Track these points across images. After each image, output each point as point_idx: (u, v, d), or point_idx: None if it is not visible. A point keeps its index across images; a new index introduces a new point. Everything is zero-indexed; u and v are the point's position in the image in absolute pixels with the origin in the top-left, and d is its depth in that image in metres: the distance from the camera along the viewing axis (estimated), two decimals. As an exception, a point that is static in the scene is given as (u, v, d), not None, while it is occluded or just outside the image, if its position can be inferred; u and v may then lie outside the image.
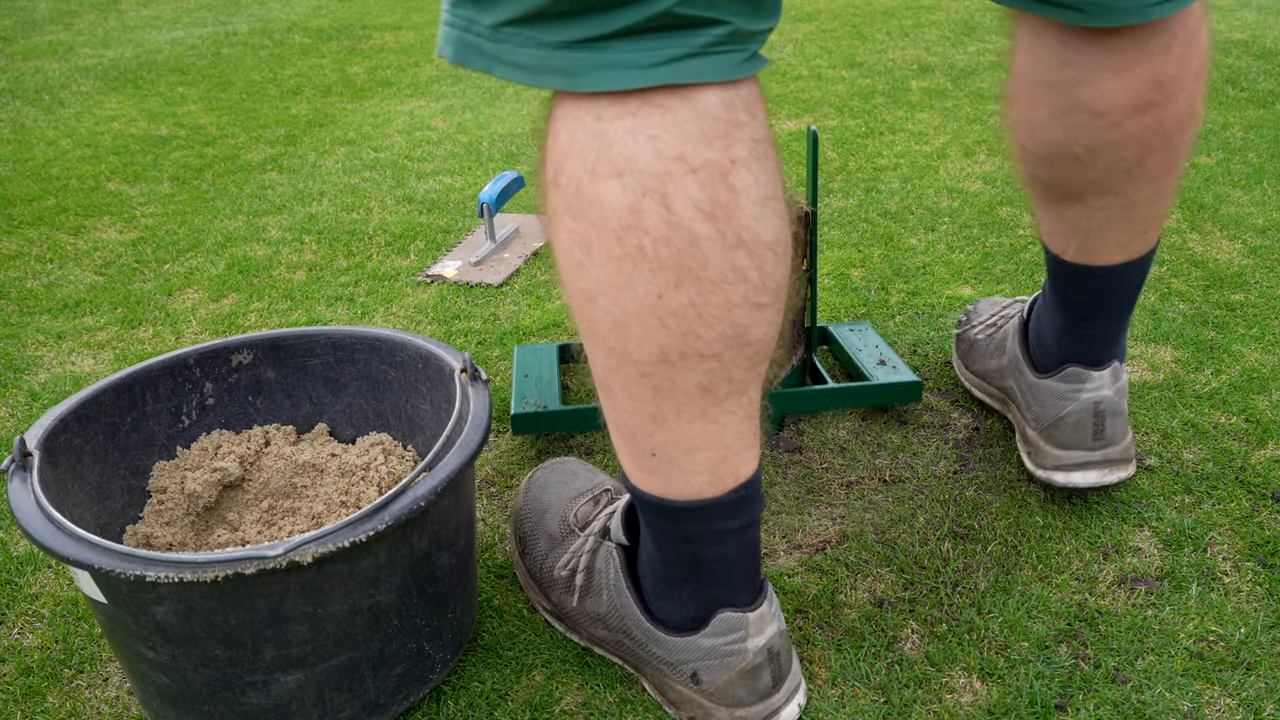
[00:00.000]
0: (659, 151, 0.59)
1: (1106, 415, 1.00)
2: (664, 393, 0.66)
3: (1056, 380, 1.01)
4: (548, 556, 0.89)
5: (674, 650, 0.78)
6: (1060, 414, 1.01)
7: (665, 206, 0.60)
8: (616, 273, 0.62)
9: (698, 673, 0.78)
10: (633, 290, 0.62)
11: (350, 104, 2.65)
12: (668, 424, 0.68)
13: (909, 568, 0.97)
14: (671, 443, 0.69)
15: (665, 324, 0.63)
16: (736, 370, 0.66)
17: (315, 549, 0.68)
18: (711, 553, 0.74)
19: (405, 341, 0.95)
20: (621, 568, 0.81)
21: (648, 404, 0.67)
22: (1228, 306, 1.42)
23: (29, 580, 0.99)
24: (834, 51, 3.05)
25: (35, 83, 2.95)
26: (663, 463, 0.70)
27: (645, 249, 0.61)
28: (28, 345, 1.43)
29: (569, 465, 0.98)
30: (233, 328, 1.45)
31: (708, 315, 0.63)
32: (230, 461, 0.94)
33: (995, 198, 1.85)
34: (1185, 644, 0.87)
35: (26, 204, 1.98)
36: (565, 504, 0.92)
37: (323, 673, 0.75)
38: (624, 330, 0.64)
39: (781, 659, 0.79)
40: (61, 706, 0.85)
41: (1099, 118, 0.83)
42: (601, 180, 0.60)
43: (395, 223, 1.82)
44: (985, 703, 0.82)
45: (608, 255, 0.62)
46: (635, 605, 0.80)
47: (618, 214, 0.60)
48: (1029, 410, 1.05)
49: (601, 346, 0.67)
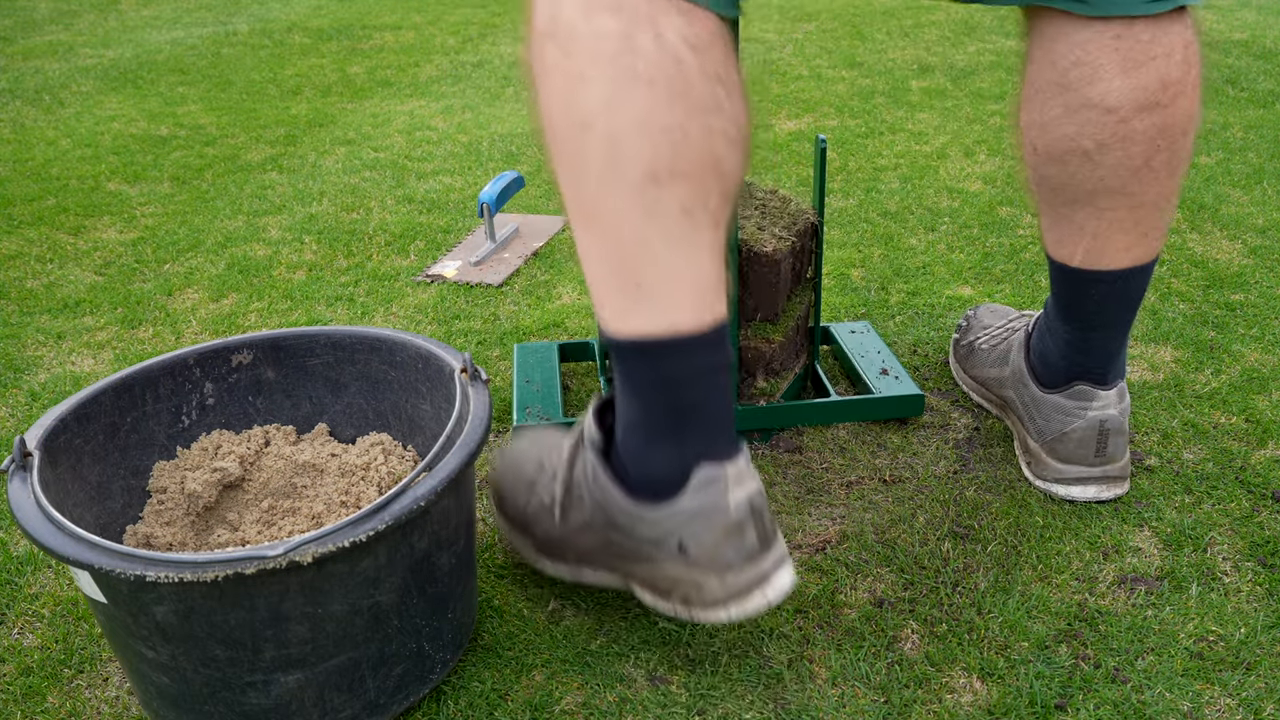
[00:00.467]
0: None
1: (1110, 434, 1.02)
2: (651, 212, 0.72)
3: (1064, 397, 1.03)
4: (529, 499, 0.91)
5: (658, 522, 0.79)
6: (1065, 430, 1.03)
7: (656, 34, 0.69)
8: (612, 92, 0.69)
9: (684, 541, 0.78)
10: (626, 108, 0.69)
11: (350, 104, 2.65)
12: (653, 248, 0.73)
13: (909, 568, 0.97)
14: (657, 271, 0.74)
15: (656, 141, 0.70)
16: (712, 198, 0.73)
17: (315, 549, 0.68)
18: (691, 395, 0.77)
19: (405, 341, 0.95)
20: (599, 464, 0.83)
21: (635, 226, 0.73)
22: (1228, 306, 1.42)
23: (29, 580, 0.99)
24: (834, 51, 3.05)
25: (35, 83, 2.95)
26: (648, 294, 0.75)
27: (638, 70, 0.69)
28: (28, 345, 1.43)
29: (540, 430, 1.00)
30: (233, 328, 1.45)
31: (693, 136, 0.71)
32: (230, 461, 0.94)
33: (995, 198, 1.85)
34: (1185, 644, 0.87)
35: (26, 204, 1.98)
36: (540, 451, 0.93)
37: (323, 673, 0.75)
38: (617, 149, 0.71)
39: (765, 519, 0.80)
40: (61, 706, 0.85)
41: (1109, 114, 0.87)
42: (597, 15, 0.68)
43: (395, 223, 1.82)
44: (985, 703, 0.82)
45: (602, 78, 0.69)
46: (616, 490, 0.81)
47: (612, 41, 0.68)
48: (1032, 423, 1.07)
49: (593, 173, 0.72)
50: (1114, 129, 0.88)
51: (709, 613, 0.80)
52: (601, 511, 0.83)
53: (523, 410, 1.17)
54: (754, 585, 0.79)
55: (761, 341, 1.12)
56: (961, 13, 3.53)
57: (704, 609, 0.80)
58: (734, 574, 0.79)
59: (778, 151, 2.15)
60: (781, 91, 2.63)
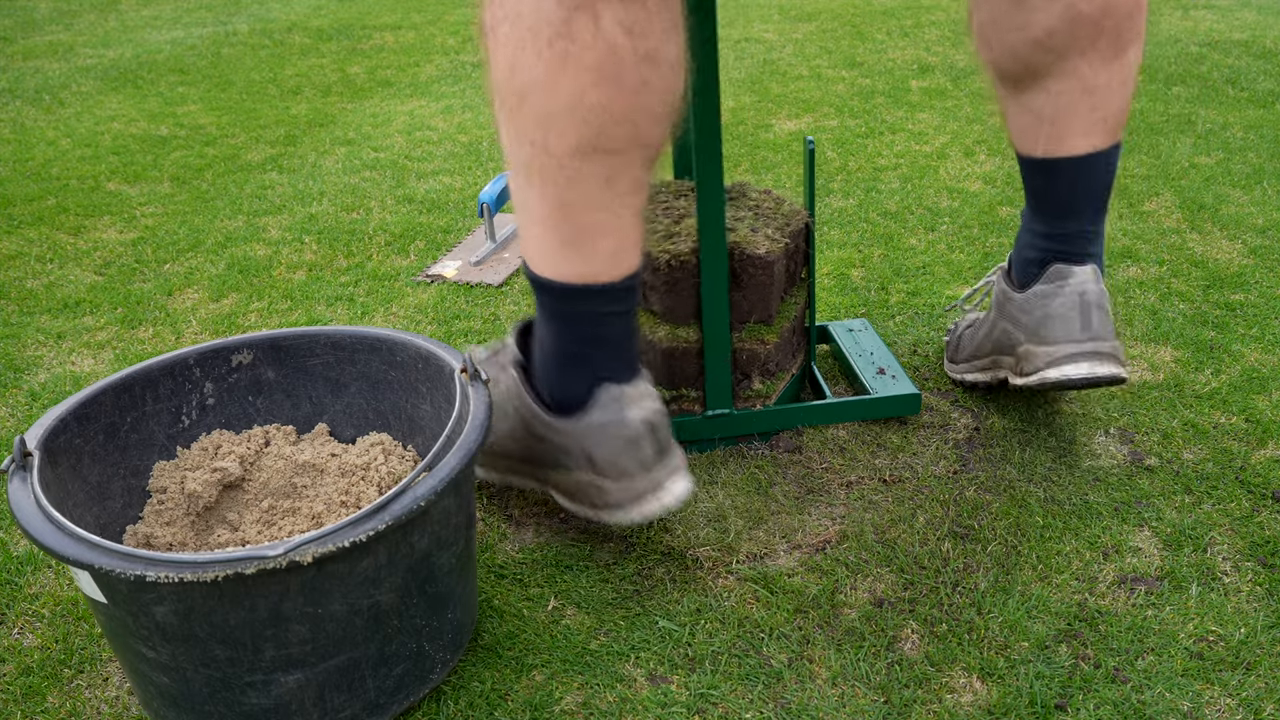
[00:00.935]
0: None
1: (1092, 307, 1.03)
2: (575, 182, 0.80)
3: (1042, 283, 1.06)
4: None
5: (569, 433, 0.91)
6: (1048, 310, 1.05)
7: (594, 20, 0.73)
8: (546, 72, 0.75)
9: (590, 452, 0.90)
10: (558, 89, 0.75)
11: (350, 104, 2.65)
12: (575, 211, 0.82)
13: (909, 568, 0.97)
14: (578, 231, 0.83)
15: (586, 120, 0.77)
16: (635, 168, 0.81)
17: (315, 549, 0.68)
18: (599, 330, 0.89)
19: (405, 341, 0.95)
20: (521, 381, 0.94)
21: (561, 191, 0.81)
22: (1228, 306, 1.42)
23: (29, 580, 0.99)
24: (834, 51, 3.05)
25: (35, 83, 2.95)
26: (570, 249, 0.84)
27: (572, 54, 0.74)
28: (28, 345, 1.43)
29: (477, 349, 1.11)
30: (233, 328, 1.45)
31: (618, 116, 0.77)
32: (230, 461, 0.94)
33: (995, 198, 1.85)
34: (1185, 644, 0.87)
35: (26, 204, 1.98)
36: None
37: (323, 673, 0.75)
38: (547, 125, 0.77)
39: (661, 434, 0.91)
40: (61, 706, 0.85)
41: (1054, 1, 0.94)
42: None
43: (395, 223, 1.82)
44: (985, 703, 0.82)
45: (539, 57, 0.75)
46: (535, 404, 0.93)
47: (551, 23, 0.73)
48: (1021, 328, 1.09)
49: (525, 140, 0.80)
50: (1060, 12, 0.94)
51: (611, 514, 0.91)
52: (523, 423, 0.95)
53: None
54: (649, 491, 0.90)
55: (756, 343, 1.12)
56: (961, 13, 3.53)
57: (608, 511, 0.91)
58: (631, 480, 0.90)
59: (777, 151, 2.15)
60: (781, 91, 2.63)
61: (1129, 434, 1.15)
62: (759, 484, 1.09)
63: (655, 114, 0.79)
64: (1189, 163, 1.99)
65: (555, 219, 0.83)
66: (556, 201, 0.82)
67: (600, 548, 1.01)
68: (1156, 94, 2.48)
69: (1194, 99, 2.43)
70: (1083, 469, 1.10)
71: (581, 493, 0.93)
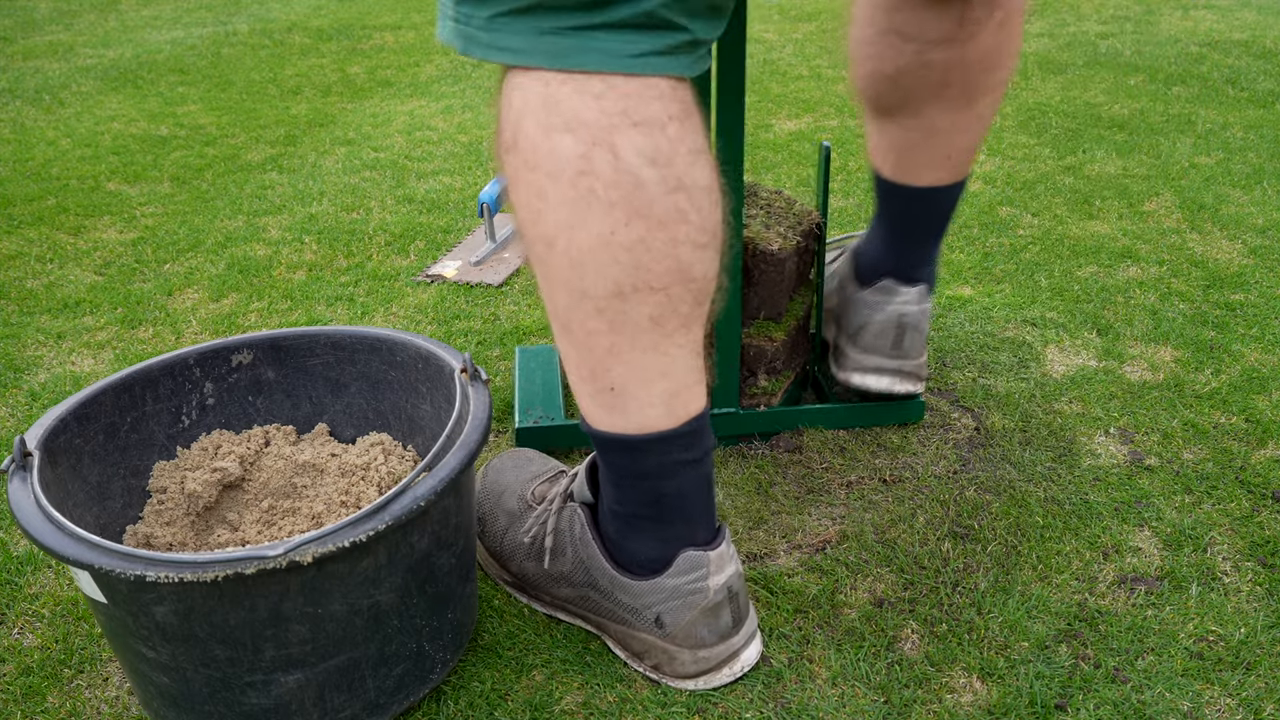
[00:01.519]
0: (604, 109, 0.67)
1: (907, 329, 1.09)
2: (618, 326, 0.73)
3: (870, 292, 1.11)
4: (507, 530, 0.93)
5: (639, 595, 0.83)
6: (867, 321, 1.11)
7: (613, 154, 0.68)
8: (572, 214, 0.69)
9: (661, 616, 0.82)
10: (587, 229, 0.69)
11: (350, 104, 2.65)
12: (623, 357, 0.75)
13: (909, 568, 0.97)
14: (628, 376, 0.76)
15: (618, 259, 0.70)
16: (683, 305, 0.74)
17: (315, 549, 0.68)
18: (669, 487, 0.80)
19: (405, 341, 0.95)
20: (587, 524, 0.86)
21: (604, 337, 0.74)
22: (1228, 306, 1.42)
23: (29, 580, 0.99)
24: (834, 51, 3.05)
25: (35, 83, 2.95)
26: (621, 397, 0.77)
27: (596, 191, 0.68)
28: (28, 345, 1.43)
29: (525, 453, 1.02)
30: (233, 328, 1.45)
31: (656, 251, 0.70)
32: (230, 461, 0.94)
33: (995, 198, 1.85)
34: (1185, 644, 0.87)
35: (26, 204, 1.98)
36: (523, 484, 0.95)
37: (323, 673, 0.75)
38: (581, 268, 0.71)
39: (740, 600, 0.84)
40: (61, 706, 0.85)
41: (908, 42, 0.95)
42: (555, 134, 0.68)
43: (395, 223, 1.82)
44: (985, 703, 0.82)
45: (562, 199, 0.69)
46: (601, 556, 0.85)
47: (570, 162, 0.68)
48: (845, 320, 1.14)
49: (561, 287, 0.73)
50: (911, 58, 0.95)
51: (678, 682, 0.84)
52: (584, 570, 0.86)
53: (524, 412, 1.17)
54: (724, 661, 0.84)
55: (764, 340, 1.13)
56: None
57: (674, 679, 0.85)
58: (706, 650, 0.83)
59: (778, 152, 2.15)
60: (781, 91, 2.63)
61: (1129, 434, 1.15)
62: (759, 484, 1.09)
63: (698, 244, 0.72)
64: (1189, 163, 1.99)
65: (602, 368, 0.76)
66: (601, 348, 0.75)
67: (600, 548, 1.01)
68: (1156, 94, 2.48)
69: (1194, 99, 2.43)
70: (1083, 469, 1.10)
71: (646, 654, 0.85)
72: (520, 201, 0.72)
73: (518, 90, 0.69)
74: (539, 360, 1.27)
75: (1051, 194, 1.86)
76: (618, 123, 0.67)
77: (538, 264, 0.74)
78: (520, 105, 0.68)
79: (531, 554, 0.90)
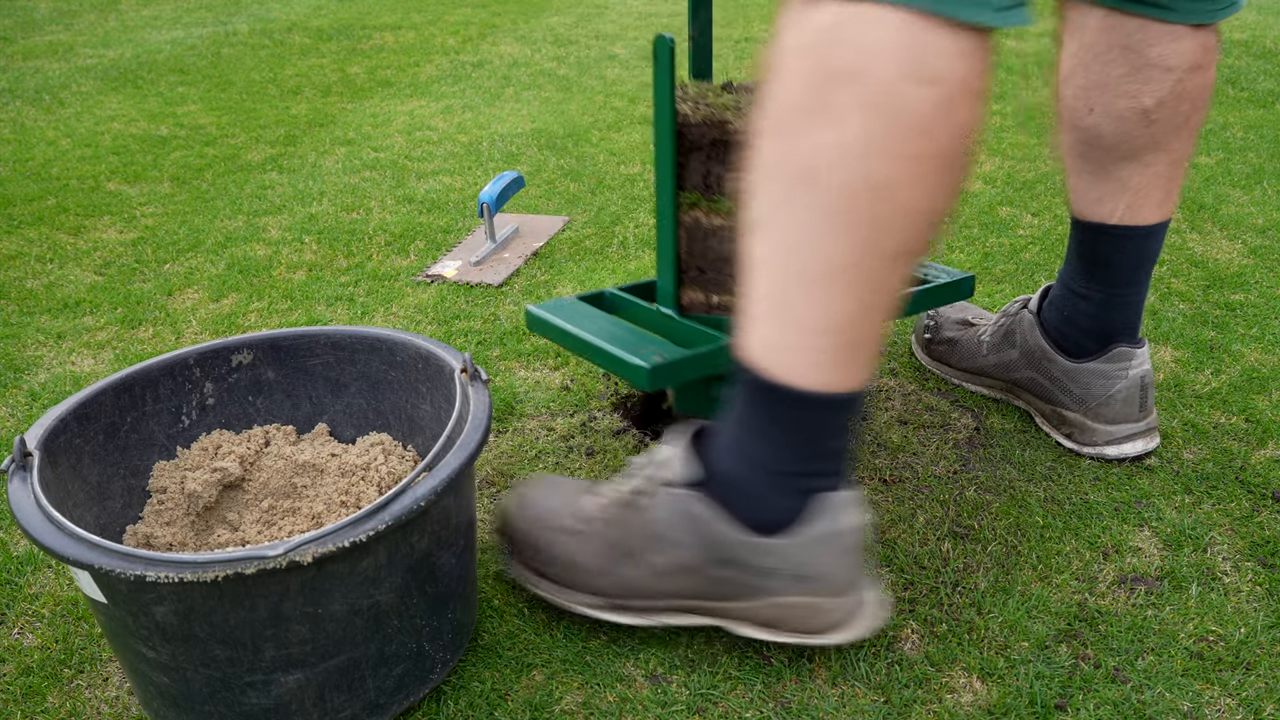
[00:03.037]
0: (969, 69, 0.67)
1: (1149, 389, 1.10)
2: (884, 286, 0.73)
3: (1102, 362, 1.10)
4: (579, 550, 0.88)
5: (780, 552, 0.80)
6: (1110, 392, 1.09)
7: (952, 118, 0.67)
8: (910, 171, 0.68)
9: (803, 568, 0.81)
10: (920, 188, 0.69)
11: (350, 104, 2.65)
12: (874, 316, 0.75)
13: (909, 568, 0.97)
14: (868, 336, 0.76)
15: (921, 224, 0.71)
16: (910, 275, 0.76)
17: (315, 549, 0.68)
18: (832, 441, 0.80)
19: (405, 341, 0.95)
20: (710, 503, 0.82)
21: (871, 295, 0.73)
22: (1228, 306, 1.42)
23: (29, 580, 0.99)
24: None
25: (35, 83, 2.95)
26: (853, 355, 0.76)
27: (937, 154, 0.68)
28: (28, 345, 1.43)
29: (549, 479, 0.97)
30: (233, 328, 1.45)
31: (938, 220, 0.72)
32: (230, 461, 0.94)
33: (995, 198, 1.85)
34: (1185, 644, 0.87)
35: (26, 204, 1.98)
36: (570, 503, 0.91)
37: (323, 673, 0.75)
38: (905, 222, 0.70)
39: (862, 542, 0.83)
40: (61, 706, 0.85)
41: (1169, 73, 0.99)
42: (914, 85, 0.66)
43: (395, 223, 1.82)
44: (985, 703, 0.82)
45: (900, 154, 0.67)
46: (730, 525, 0.81)
47: (920, 115, 0.66)
48: (1068, 394, 1.12)
49: (855, 236, 0.71)
50: (1172, 87, 0.99)
51: (828, 636, 0.83)
52: (706, 551, 0.82)
53: (638, 353, 0.99)
54: (862, 606, 0.84)
55: None
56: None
57: (823, 634, 0.83)
58: (848, 594, 0.83)
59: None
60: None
61: (1129, 434, 1.15)
62: (759, 484, 1.09)
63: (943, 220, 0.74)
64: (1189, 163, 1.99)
65: (856, 325, 0.74)
66: (863, 306, 0.73)
67: (600, 548, 1.01)
68: (1156, 94, 2.48)
69: (1194, 99, 2.43)
70: (1083, 469, 1.10)
71: (787, 619, 0.83)
72: (848, 136, 0.68)
73: (873, 25, 0.66)
74: (568, 313, 1.10)
75: (1051, 194, 1.86)
76: (969, 89, 0.68)
77: (844, 204, 0.70)
78: (875, 43, 0.65)
79: (628, 561, 0.86)
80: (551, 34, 3.43)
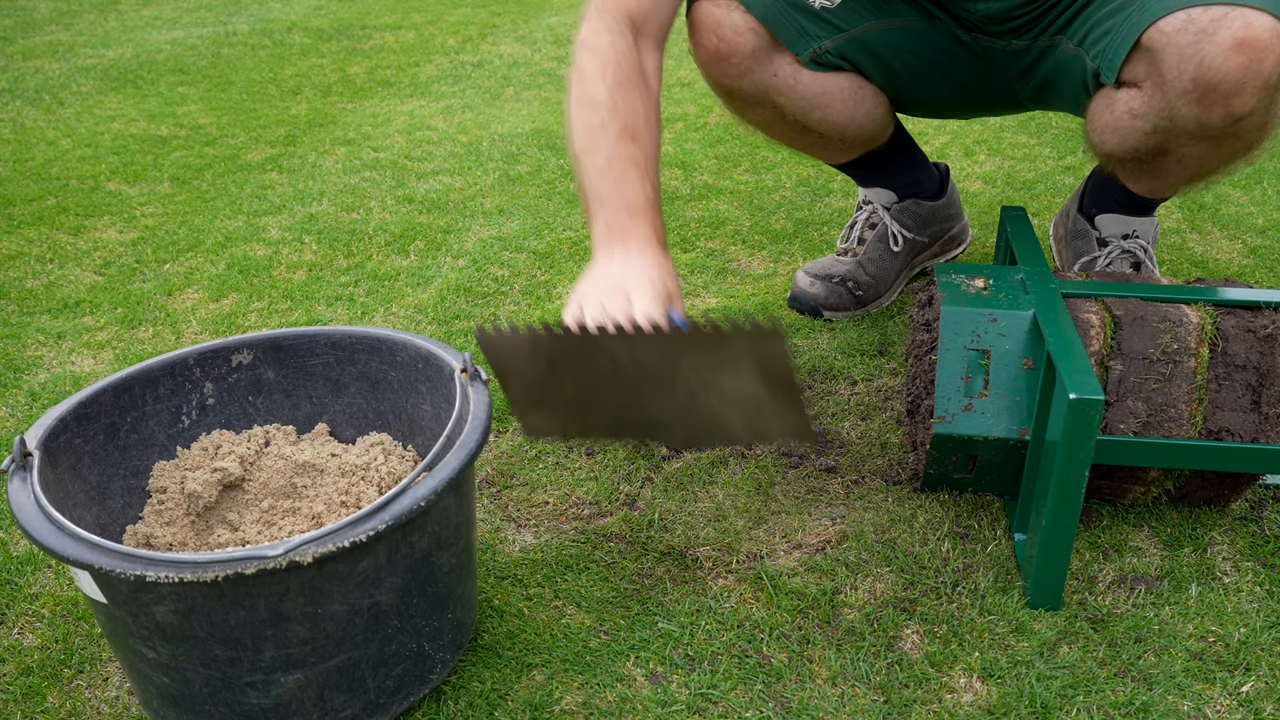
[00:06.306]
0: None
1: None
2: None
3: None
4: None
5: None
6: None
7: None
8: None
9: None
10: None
11: (350, 104, 2.65)
12: None
13: (909, 568, 0.97)
14: None
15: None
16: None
17: (315, 549, 0.68)
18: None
19: (405, 341, 0.95)
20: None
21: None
22: (1228, 306, 1.42)
23: (29, 580, 0.99)
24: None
25: (35, 83, 2.95)
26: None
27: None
28: (28, 345, 1.43)
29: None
30: (233, 328, 1.45)
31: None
32: (230, 461, 0.94)
33: (995, 198, 1.85)
34: (1185, 644, 0.87)
35: (26, 204, 1.98)
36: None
37: (323, 672, 0.75)
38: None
39: None
40: (61, 706, 0.85)
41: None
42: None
43: (395, 223, 1.82)
44: (985, 703, 0.82)
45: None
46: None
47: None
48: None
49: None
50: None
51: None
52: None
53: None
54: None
55: None
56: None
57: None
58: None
59: (777, 151, 2.15)
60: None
61: (1129, 434, 1.15)
62: (759, 484, 1.09)
63: None
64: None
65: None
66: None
67: (600, 548, 1.01)
68: (1156, 94, 2.48)
69: (1194, 99, 2.42)
70: (1083, 469, 1.10)
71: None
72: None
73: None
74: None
75: (1051, 194, 1.86)
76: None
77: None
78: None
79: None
80: (551, 34, 3.43)
